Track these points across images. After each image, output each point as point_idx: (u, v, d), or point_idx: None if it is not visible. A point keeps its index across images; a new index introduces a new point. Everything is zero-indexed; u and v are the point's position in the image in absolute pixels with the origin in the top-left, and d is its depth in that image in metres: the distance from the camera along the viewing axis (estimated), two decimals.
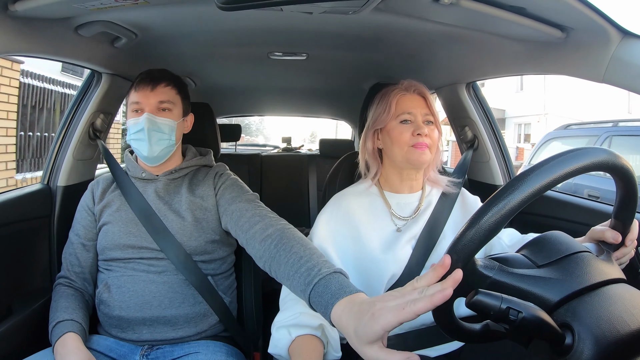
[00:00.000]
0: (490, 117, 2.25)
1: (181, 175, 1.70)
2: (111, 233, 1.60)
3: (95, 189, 1.72)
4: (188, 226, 1.60)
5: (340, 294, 1.03)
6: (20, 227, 1.72)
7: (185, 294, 1.55)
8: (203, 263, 1.61)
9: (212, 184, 1.68)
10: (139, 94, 1.60)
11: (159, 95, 1.61)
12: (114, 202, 1.66)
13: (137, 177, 1.69)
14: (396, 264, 1.42)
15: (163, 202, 1.64)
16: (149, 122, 1.58)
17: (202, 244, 1.60)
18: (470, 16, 1.36)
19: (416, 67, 2.15)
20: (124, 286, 1.54)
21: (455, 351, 1.45)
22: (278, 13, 1.48)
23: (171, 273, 1.56)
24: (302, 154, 4.38)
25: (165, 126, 1.61)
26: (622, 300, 0.79)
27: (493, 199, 0.79)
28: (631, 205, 0.96)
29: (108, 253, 1.59)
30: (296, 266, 1.19)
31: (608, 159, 0.84)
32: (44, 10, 1.31)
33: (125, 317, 1.51)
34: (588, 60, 1.32)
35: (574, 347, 0.76)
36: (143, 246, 1.57)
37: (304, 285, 1.13)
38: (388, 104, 1.49)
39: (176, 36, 1.79)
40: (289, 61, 2.24)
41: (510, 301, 0.77)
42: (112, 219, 1.62)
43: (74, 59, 1.68)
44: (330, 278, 1.09)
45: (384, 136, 1.52)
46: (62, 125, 1.98)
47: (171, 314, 1.52)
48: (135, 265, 1.57)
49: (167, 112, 1.63)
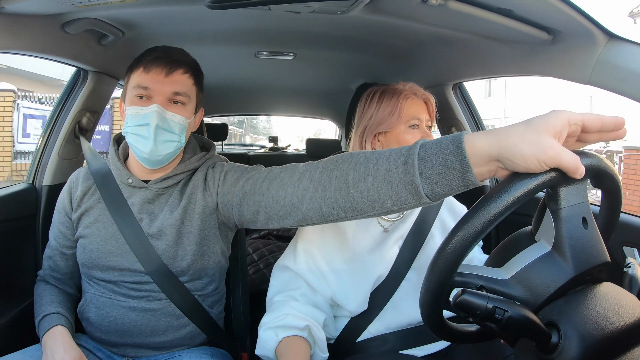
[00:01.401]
0: (477, 117, 2.27)
1: (174, 183, 1.41)
2: (89, 251, 1.39)
3: (74, 189, 1.48)
4: (174, 246, 1.36)
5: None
6: (5, 227, 1.70)
7: (168, 321, 1.39)
8: (190, 282, 1.41)
9: (203, 183, 1.40)
10: (150, 77, 1.30)
11: (176, 84, 1.32)
12: (93, 210, 1.42)
13: (123, 183, 1.41)
14: (383, 265, 1.43)
15: (150, 215, 1.39)
16: (159, 117, 1.29)
17: (190, 263, 1.38)
18: (458, 18, 1.37)
19: (404, 67, 2.16)
20: (103, 309, 1.38)
21: (443, 350, 1.45)
22: (266, 12, 1.48)
23: (154, 298, 1.37)
24: (289, 154, 4.39)
25: (176, 125, 1.33)
26: (607, 299, 0.80)
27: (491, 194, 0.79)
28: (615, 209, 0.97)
29: (88, 270, 1.41)
30: (374, 157, 0.98)
31: (593, 163, 0.84)
32: (31, 6, 1.30)
33: (106, 340, 1.41)
34: (574, 63, 1.34)
35: (559, 346, 0.77)
36: (125, 267, 1.36)
37: (403, 152, 0.93)
38: (398, 108, 1.46)
39: (163, 35, 1.78)
40: (276, 60, 2.24)
41: (496, 300, 0.77)
42: (89, 232, 1.40)
43: (60, 56, 1.66)
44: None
45: (388, 139, 1.49)
46: (47, 124, 1.96)
47: (154, 342, 1.39)
48: (114, 287, 1.38)
49: (180, 107, 1.34)
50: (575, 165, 0.75)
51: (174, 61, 1.32)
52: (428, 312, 0.87)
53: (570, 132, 0.79)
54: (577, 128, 0.79)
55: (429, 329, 0.90)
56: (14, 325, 1.61)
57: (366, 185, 0.97)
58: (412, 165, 0.90)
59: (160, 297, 1.38)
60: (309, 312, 1.36)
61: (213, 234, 1.42)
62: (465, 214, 0.80)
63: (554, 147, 0.75)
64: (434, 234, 1.49)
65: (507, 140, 0.80)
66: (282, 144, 6.34)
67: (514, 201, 0.77)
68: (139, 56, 1.36)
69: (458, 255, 0.80)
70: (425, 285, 0.84)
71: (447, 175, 0.86)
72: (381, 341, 1.42)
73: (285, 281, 1.43)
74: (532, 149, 0.76)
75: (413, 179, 0.90)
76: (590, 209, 0.84)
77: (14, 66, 12.74)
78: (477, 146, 0.83)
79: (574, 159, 0.75)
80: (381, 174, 0.94)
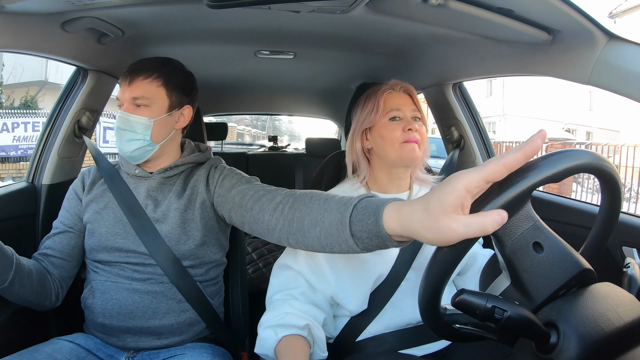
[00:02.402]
0: (477, 117, 2.27)
1: (177, 173, 1.58)
2: (98, 234, 1.50)
3: (86, 177, 1.62)
4: (178, 229, 1.49)
5: (388, 201, 0.94)
6: (4, 226, 1.69)
7: (170, 304, 1.47)
8: (192, 268, 1.51)
9: (206, 179, 1.55)
10: (121, 89, 1.50)
11: (134, 90, 1.47)
12: (102, 198, 1.55)
13: (130, 174, 1.57)
14: (383, 265, 1.43)
15: (155, 202, 1.53)
16: (120, 121, 1.47)
17: (192, 248, 1.49)
18: (458, 17, 1.37)
19: (403, 67, 2.16)
20: (107, 292, 1.46)
21: (442, 350, 1.45)
22: (266, 12, 1.48)
23: (156, 281, 1.47)
24: (289, 153, 4.39)
25: (138, 125, 1.47)
26: (606, 299, 0.80)
27: (485, 195, 0.79)
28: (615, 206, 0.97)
29: (95, 254, 1.50)
30: (324, 207, 1.08)
31: (592, 162, 0.84)
32: (31, 5, 1.30)
33: (108, 325, 1.45)
34: (574, 63, 1.34)
35: (558, 346, 0.77)
36: (130, 249, 1.47)
37: (341, 211, 1.02)
38: (376, 103, 1.49)
39: (163, 34, 1.78)
40: (276, 60, 2.24)
41: (495, 300, 0.77)
42: (99, 217, 1.52)
43: (60, 55, 1.66)
44: (370, 197, 1.00)
45: (373, 135, 1.51)
46: (47, 123, 1.95)
47: (155, 325, 1.45)
48: (119, 270, 1.47)
49: (142, 109, 1.48)
50: (484, 232, 0.73)
51: (134, 71, 1.49)
52: (427, 312, 0.87)
53: (477, 193, 0.77)
54: (482, 186, 0.76)
55: (429, 328, 0.90)
56: (14, 322, 1.61)
57: (316, 232, 1.08)
58: (345, 226, 0.99)
59: (163, 281, 1.47)
60: (309, 311, 1.36)
61: (211, 225, 1.54)
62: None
63: (455, 229, 0.74)
64: None
65: (410, 225, 0.84)
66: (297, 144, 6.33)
67: (511, 201, 0.77)
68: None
69: (455, 256, 0.80)
70: (424, 284, 0.84)
71: (373, 239, 0.95)
72: (380, 341, 1.43)
73: (286, 280, 1.43)
74: (433, 234, 0.77)
75: (347, 239, 1.00)
76: (542, 227, 0.82)
77: None
78: (390, 227, 0.90)
79: (481, 227, 0.73)
80: (325, 227, 1.05)
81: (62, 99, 1.95)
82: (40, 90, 15.10)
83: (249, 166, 3.77)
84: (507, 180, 0.76)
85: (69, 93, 1.95)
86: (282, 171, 3.80)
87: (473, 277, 1.58)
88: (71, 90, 1.95)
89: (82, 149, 2.05)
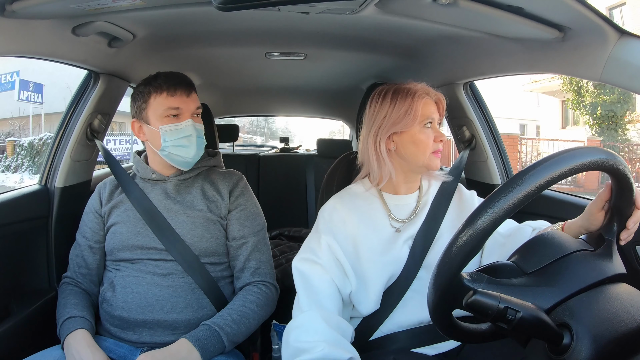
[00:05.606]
0: (488, 116, 2.25)
1: (192, 176, 1.69)
2: (119, 234, 1.60)
3: (102, 191, 1.71)
4: (199, 227, 1.61)
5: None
6: (18, 228, 1.72)
7: (189, 299, 1.55)
8: (211, 265, 1.62)
9: (227, 192, 1.69)
10: (177, 99, 1.58)
11: (195, 101, 1.63)
12: (123, 203, 1.65)
13: (147, 179, 1.68)
14: (395, 265, 1.43)
15: (174, 202, 1.64)
16: (195, 129, 1.60)
17: (214, 245, 1.62)
18: (468, 16, 1.36)
19: (414, 66, 2.15)
20: (128, 286, 1.54)
21: (455, 349, 1.45)
22: (275, 13, 1.48)
23: (177, 276, 1.56)
24: (300, 154, 4.37)
25: (202, 131, 1.65)
26: (619, 299, 0.80)
27: (492, 198, 0.79)
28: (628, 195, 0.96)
29: (117, 254, 1.60)
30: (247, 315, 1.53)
31: (607, 160, 0.84)
32: (42, 10, 1.31)
33: (126, 318, 1.51)
34: (585, 60, 1.33)
35: (571, 346, 0.76)
36: (151, 247, 1.57)
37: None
38: (413, 108, 1.43)
39: (173, 37, 1.79)
40: (286, 61, 2.24)
41: (508, 301, 0.77)
42: (120, 219, 1.62)
43: (71, 59, 1.67)
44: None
45: (403, 139, 1.45)
46: (59, 126, 1.97)
47: (172, 319, 1.51)
48: (141, 266, 1.56)
49: (199, 118, 1.66)
50: None
51: (189, 84, 1.62)
52: (436, 313, 0.87)
53: None
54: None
55: (438, 329, 0.90)
56: (27, 326, 1.63)
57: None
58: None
59: (183, 276, 1.57)
60: (340, 326, 1.32)
61: (220, 224, 1.67)
62: (469, 215, 0.80)
63: None
64: (443, 232, 1.48)
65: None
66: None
67: (518, 202, 0.77)
68: (149, 83, 1.60)
69: (464, 256, 0.79)
70: (433, 285, 0.84)
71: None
72: (392, 340, 1.42)
73: (310, 281, 1.38)
74: None
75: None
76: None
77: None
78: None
79: None
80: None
81: (74, 103, 1.97)
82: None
83: (261, 167, 3.76)
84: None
85: (81, 96, 1.97)
86: (293, 172, 3.79)
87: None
88: (83, 93, 1.97)
89: (94, 152, 2.06)
